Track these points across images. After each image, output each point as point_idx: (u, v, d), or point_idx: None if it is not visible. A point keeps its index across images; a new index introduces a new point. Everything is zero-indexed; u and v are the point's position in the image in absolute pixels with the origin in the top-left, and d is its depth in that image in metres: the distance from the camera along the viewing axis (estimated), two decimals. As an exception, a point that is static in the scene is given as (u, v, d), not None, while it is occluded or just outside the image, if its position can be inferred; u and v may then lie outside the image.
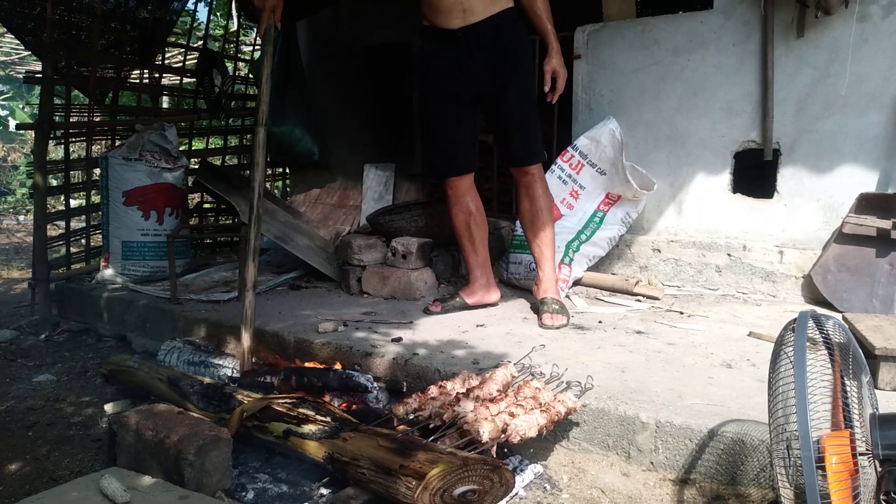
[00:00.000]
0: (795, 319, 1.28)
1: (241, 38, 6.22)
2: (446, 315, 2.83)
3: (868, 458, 1.25)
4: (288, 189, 5.61)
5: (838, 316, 2.25)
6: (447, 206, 2.94)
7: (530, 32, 2.79)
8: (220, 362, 2.40)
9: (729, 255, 3.21)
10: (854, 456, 1.21)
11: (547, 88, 2.74)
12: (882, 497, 1.20)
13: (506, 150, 2.86)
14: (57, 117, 3.73)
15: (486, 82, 2.71)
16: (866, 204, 2.90)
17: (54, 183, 4.42)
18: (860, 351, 1.34)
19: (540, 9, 2.72)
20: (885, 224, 2.78)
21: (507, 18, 2.68)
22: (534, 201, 2.81)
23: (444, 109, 2.80)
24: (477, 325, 2.67)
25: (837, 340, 1.30)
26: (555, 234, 2.89)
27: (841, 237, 2.90)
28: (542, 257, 2.84)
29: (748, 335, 2.52)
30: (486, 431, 1.60)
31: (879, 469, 1.23)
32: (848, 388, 1.30)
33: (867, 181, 2.94)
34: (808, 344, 1.24)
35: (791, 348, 1.23)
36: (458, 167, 2.85)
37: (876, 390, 1.47)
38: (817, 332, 1.30)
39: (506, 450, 1.84)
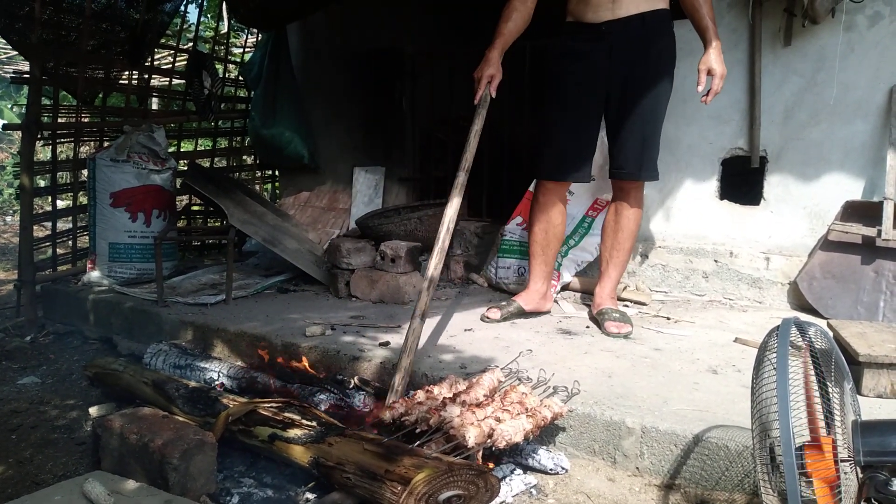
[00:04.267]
0: (778, 326, 1.29)
1: (232, 40, 6.21)
2: (433, 319, 2.83)
3: (850, 464, 1.26)
4: (277, 192, 5.59)
5: (823, 323, 2.27)
6: (530, 209, 2.82)
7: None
8: (207, 366, 2.39)
9: (716, 261, 3.22)
10: (836, 462, 1.22)
11: (700, 88, 2.49)
12: (863, 503, 1.21)
13: (620, 160, 2.68)
14: (45, 118, 3.70)
15: (620, 84, 2.58)
16: (852, 212, 2.93)
17: (41, 184, 4.39)
18: (842, 357, 1.35)
19: (700, 2, 2.51)
20: (871, 232, 2.81)
21: (658, 19, 2.55)
22: (619, 218, 2.73)
23: (568, 109, 2.67)
24: (465, 330, 2.67)
25: (820, 347, 1.32)
26: (629, 257, 2.83)
27: (827, 244, 2.92)
28: (607, 275, 2.82)
29: (734, 341, 2.53)
30: (471, 436, 1.60)
31: (861, 475, 1.24)
32: (830, 395, 1.31)
33: (853, 189, 2.96)
34: (791, 350, 1.25)
35: (774, 354, 1.24)
36: (564, 171, 2.71)
37: (859, 397, 1.49)
38: (800, 339, 1.31)
39: (494, 451, 1.84)
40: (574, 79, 2.65)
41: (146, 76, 4.43)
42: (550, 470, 1.79)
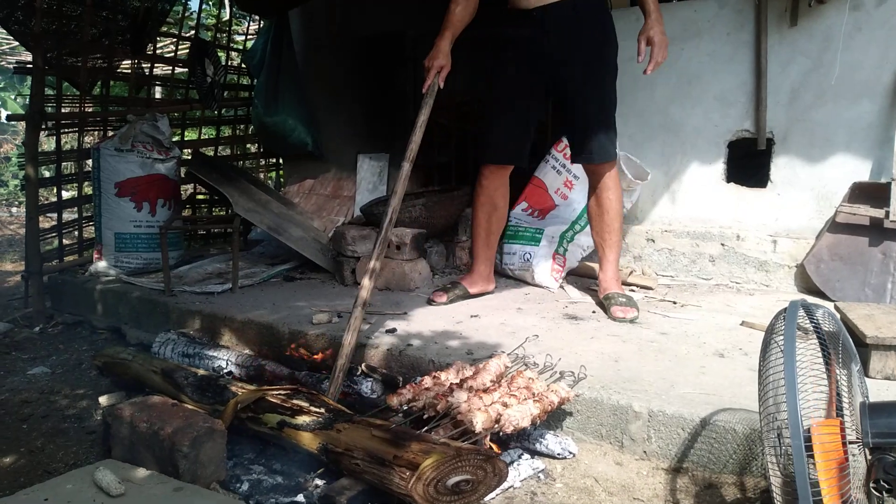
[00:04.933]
0: (786, 308, 1.28)
1: (234, 27, 6.18)
2: (441, 306, 2.83)
3: (858, 446, 1.26)
4: (281, 180, 5.59)
5: (830, 305, 2.26)
6: (473, 193, 2.87)
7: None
8: (215, 354, 2.40)
9: (722, 244, 3.21)
10: (844, 444, 1.22)
11: (641, 59, 2.49)
12: (871, 485, 1.21)
13: (574, 145, 2.72)
14: (49, 108, 3.70)
15: (560, 69, 2.59)
16: (859, 193, 2.91)
17: (46, 174, 4.40)
18: (850, 340, 1.35)
19: None
20: (878, 213, 2.79)
21: (589, 3, 2.55)
22: (601, 202, 2.74)
23: (507, 95, 2.69)
24: (471, 316, 2.67)
25: (827, 329, 1.31)
26: (622, 235, 2.85)
27: (834, 226, 2.91)
28: (605, 258, 2.82)
29: (741, 324, 2.53)
30: (479, 422, 1.61)
31: (869, 457, 1.24)
32: (838, 377, 1.31)
33: (860, 170, 2.94)
34: (798, 333, 1.24)
35: (781, 337, 1.24)
36: (500, 156, 2.75)
37: (867, 379, 1.49)
38: (808, 321, 1.31)
39: (501, 436, 1.84)
40: (511, 66, 2.67)
41: (149, 65, 4.42)
42: (558, 454, 1.80)
